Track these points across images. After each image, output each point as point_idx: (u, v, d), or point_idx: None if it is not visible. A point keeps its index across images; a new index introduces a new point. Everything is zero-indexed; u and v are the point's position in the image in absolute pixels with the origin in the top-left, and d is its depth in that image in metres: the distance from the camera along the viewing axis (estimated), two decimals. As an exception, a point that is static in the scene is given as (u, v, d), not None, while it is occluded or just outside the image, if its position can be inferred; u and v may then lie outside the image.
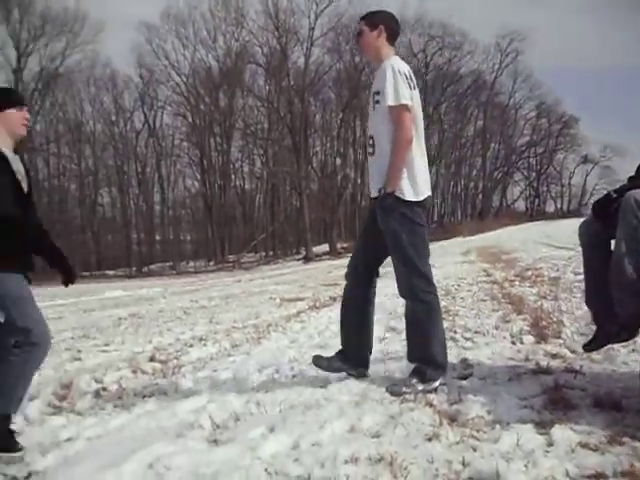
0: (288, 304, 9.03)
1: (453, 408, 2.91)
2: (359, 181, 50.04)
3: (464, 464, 2.24)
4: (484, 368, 3.72)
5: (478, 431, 2.57)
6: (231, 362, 4.65)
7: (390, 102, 3.09)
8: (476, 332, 5.07)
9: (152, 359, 5.11)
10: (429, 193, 3.32)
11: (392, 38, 3.36)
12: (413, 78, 3.27)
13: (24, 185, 3.04)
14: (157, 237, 49.51)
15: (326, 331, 5.96)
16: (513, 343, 4.49)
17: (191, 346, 5.66)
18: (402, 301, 7.89)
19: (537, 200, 56.72)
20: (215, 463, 2.45)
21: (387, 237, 3.26)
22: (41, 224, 3.21)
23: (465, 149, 54.03)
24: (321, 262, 32.86)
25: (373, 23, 3.31)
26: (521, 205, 57.36)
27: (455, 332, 5.13)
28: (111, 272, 40.90)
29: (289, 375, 4.07)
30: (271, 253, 46.52)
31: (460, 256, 18.44)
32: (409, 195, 3.16)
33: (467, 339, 4.81)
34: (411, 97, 3.14)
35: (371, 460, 2.33)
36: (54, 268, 3.16)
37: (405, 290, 3.37)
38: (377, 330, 5.60)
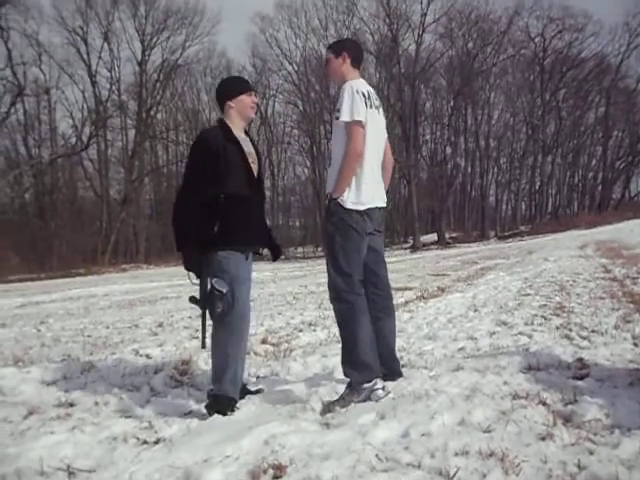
0: (396, 293, 9.00)
1: (568, 408, 2.82)
2: (469, 170, 48.81)
3: (580, 467, 2.18)
4: (602, 369, 3.57)
5: (595, 434, 2.49)
6: (340, 348, 4.74)
7: (344, 118, 3.29)
8: (593, 331, 4.86)
9: (264, 341, 5.33)
10: (378, 205, 3.46)
11: (356, 62, 3.59)
12: (373, 98, 3.45)
13: (255, 167, 3.39)
14: (268, 222, 50.86)
15: (435, 322, 5.94)
16: (635, 345, 4.26)
17: (301, 331, 5.83)
18: (513, 295, 7.71)
19: (665, 192, 52.65)
20: (327, 445, 2.55)
21: (324, 238, 3.47)
22: (263, 204, 3.56)
23: (584, 137, 51.03)
24: (429, 252, 32.47)
25: (337, 51, 3.55)
26: (647, 197, 53.51)
27: (570, 330, 4.95)
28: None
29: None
30: (378, 241, 46.43)
31: (576, 250, 17.55)
32: (350, 204, 3.31)
33: (583, 338, 4.62)
34: (365, 115, 3.31)
35: (482, 455, 2.33)
36: (267, 247, 3.57)
37: (331, 291, 3.41)
38: (487, 324, 5.54)
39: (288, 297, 9.60)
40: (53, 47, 39.06)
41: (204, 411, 3.26)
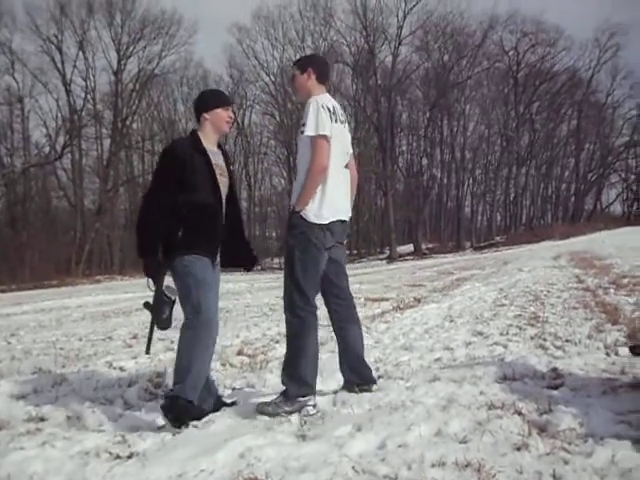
0: (372, 304, 9.05)
1: (543, 418, 2.84)
2: (445, 181, 49.26)
3: (555, 477, 2.20)
4: (576, 379, 3.61)
5: (570, 444, 2.51)
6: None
7: (309, 132, 3.30)
8: (567, 341, 4.91)
9: (240, 353, 5.29)
10: (341, 218, 3.45)
11: (322, 78, 3.60)
12: (338, 113, 3.48)
13: (224, 179, 3.40)
14: (245, 235, 50.67)
15: (411, 333, 5.95)
16: (607, 354, 4.32)
17: (277, 342, 5.79)
18: (488, 305, 7.77)
19: (636, 204, 53.71)
20: (304, 457, 2.53)
21: (284, 251, 3.49)
22: (240, 216, 3.59)
23: (557, 149, 51.89)
24: (405, 262, 32.63)
25: (303, 67, 3.58)
26: (617, 209, 54.50)
27: (545, 340, 5.00)
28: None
29: (374, 376, 4.09)
30: (355, 252, 46.51)
31: (550, 260, 17.80)
32: (312, 217, 3.32)
33: (557, 347, 4.67)
34: (331, 129, 3.32)
35: (458, 465, 2.33)
36: (239, 257, 3.56)
37: (286, 303, 3.45)
38: (463, 334, 5.57)
39: (264, 308, 9.55)
40: (26, 55, 38.47)
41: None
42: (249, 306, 10.12)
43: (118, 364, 4.95)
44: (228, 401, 3.55)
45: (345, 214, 3.52)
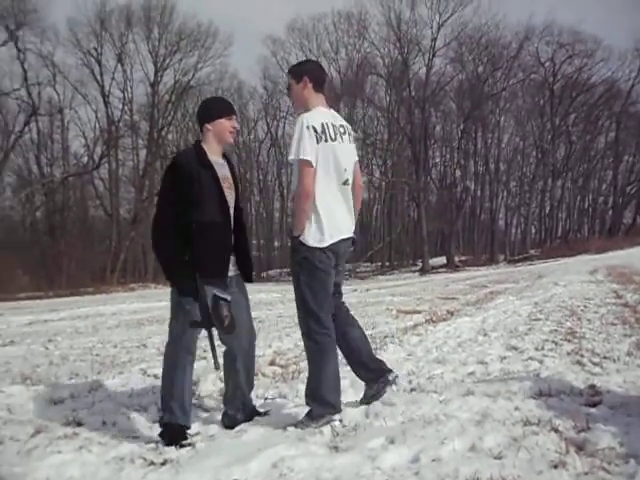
0: (405, 316, 8.99)
1: (581, 436, 2.78)
2: (479, 193, 48.79)
3: (594, 496, 2.14)
4: (615, 396, 3.51)
5: (609, 463, 2.44)
6: (348, 371, 4.69)
7: (291, 156, 3.26)
8: (605, 357, 4.80)
9: (272, 363, 5.30)
10: (343, 237, 3.37)
11: (318, 85, 3.46)
12: (328, 130, 3.31)
13: (230, 192, 3.32)
14: (276, 244, 50.98)
15: (444, 346, 5.89)
16: (648, 372, 4.20)
17: (309, 352, 5.79)
18: (523, 319, 7.64)
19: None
20: (336, 469, 2.52)
21: (292, 276, 3.42)
22: (244, 227, 3.49)
23: (595, 162, 50.98)
24: (438, 275, 32.35)
25: (298, 75, 3.43)
26: (659, 223, 53.13)
27: (582, 356, 4.89)
28: (232, 276, 42.54)
29: (407, 388, 4.06)
30: (387, 264, 46.36)
31: (587, 275, 17.43)
32: (312, 241, 3.27)
33: (595, 364, 4.55)
34: (317, 152, 3.22)
35: (493, 482, 2.29)
36: (242, 268, 3.45)
37: (302, 328, 3.44)
38: (497, 348, 5.49)
39: (296, 318, 9.54)
40: (67, 68, 39.47)
41: (211, 432, 3.24)
42: (281, 316, 10.14)
43: (152, 371, 5.00)
44: (261, 411, 3.56)
45: (348, 232, 3.43)
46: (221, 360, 3.33)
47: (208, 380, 4.51)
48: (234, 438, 3.09)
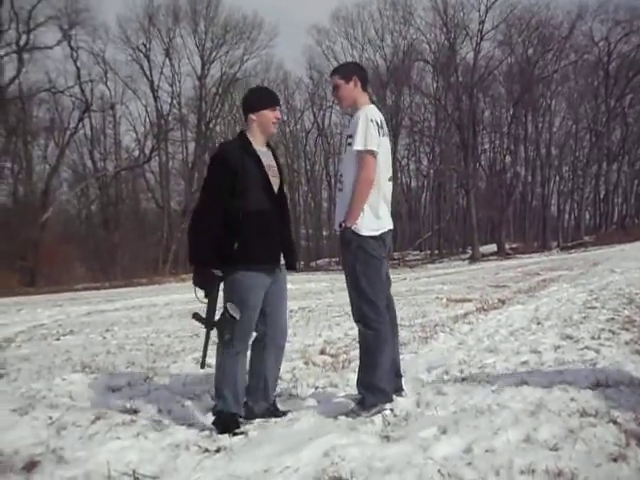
0: (455, 305, 8.89)
1: (641, 428, 2.70)
2: (530, 179, 47.68)
3: (656, 490, 2.08)
4: (678, 387, 3.40)
5: (672, 456, 2.36)
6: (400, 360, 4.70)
7: (358, 147, 3.30)
8: (666, 347, 4.64)
9: (322, 352, 5.32)
10: (390, 227, 3.49)
11: (364, 85, 3.57)
12: (384, 126, 3.48)
13: (275, 180, 3.35)
14: (324, 233, 51.06)
15: (496, 335, 5.80)
16: None
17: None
18: (577, 307, 7.45)
19: None
20: (388, 458, 2.52)
21: (344, 267, 3.45)
22: (288, 216, 3.51)
23: (653, 144, 49.02)
24: (488, 262, 31.80)
25: (347, 76, 3.52)
26: None
27: (642, 345, 4.74)
28: (281, 266, 42.93)
29: (459, 377, 4.03)
30: (436, 252, 45.87)
31: (645, 261, 16.85)
32: (365, 231, 3.33)
33: (656, 354, 4.41)
34: (378, 144, 3.33)
35: (549, 474, 2.25)
36: (285, 257, 3.42)
37: (356, 316, 3.44)
38: (551, 337, 5.38)
39: (346, 308, 9.54)
40: (118, 64, 40.48)
41: (264, 421, 3.28)
42: (331, 306, 10.17)
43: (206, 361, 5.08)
44: (281, 409, 3.49)
45: (391, 223, 3.54)
46: (210, 360, 3.35)
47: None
48: (286, 427, 3.12)
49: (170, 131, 41.93)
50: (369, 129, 3.30)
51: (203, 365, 3.32)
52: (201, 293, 3.20)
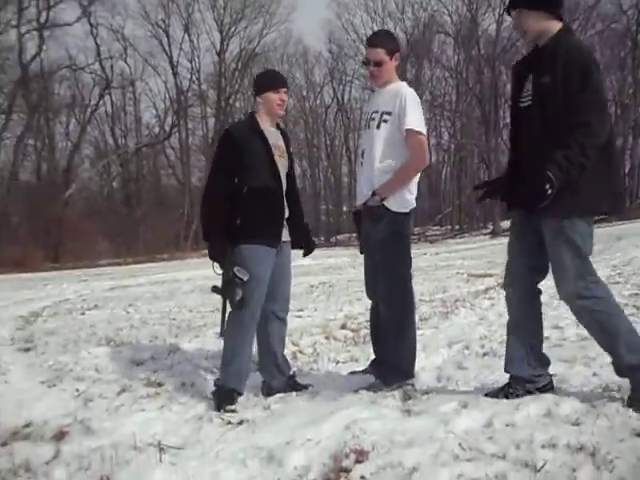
0: (476, 280, 8.86)
1: (665, 403, 2.67)
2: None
3: (682, 466, 2.07)
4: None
5: (697, 431, 2.35)
6: (420, 335, 4.68)
7: (414, 127, 3.23)
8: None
9: (343, 327, 5.36)
10: (414, 204, 3.43)
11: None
12: None
13: (282, 160, 3.38)
14: (344, 208, 50.96)
15: (517, 311, 5.77)
16: None
17: (380, 317, 5.81)
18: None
19: None
20: (409, 432, 2.54)
21: (373, 244, 3.38)
22: (298, 198, 3.55)
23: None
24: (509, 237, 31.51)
25: (392, 51, 3.36)
26: None
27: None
28: (301, 241, 43.04)
29: (479, 352, 4.04)
30: (457, 227, 45.54)
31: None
32: (397, 207, 3.30)
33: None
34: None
35: (570, 448, 2.25)
36: (296, 240, 3.48)
37: (384, 293, 3.40)
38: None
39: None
40: (137, 40, 40.40)
41: (285, 394, 3.33)
42: (352, 280, 10.19)
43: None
44: (301, 383, 3.52)
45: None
46: None
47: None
48: (308, 400, 3.16)
49: (190, 107, 41.88)
50: (420, 110, 3.30)
51: (222, 334, 3.38)
52: (217, 266, 3.26)
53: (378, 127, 3.34)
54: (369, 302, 3.39)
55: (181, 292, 10.26)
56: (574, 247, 2.71)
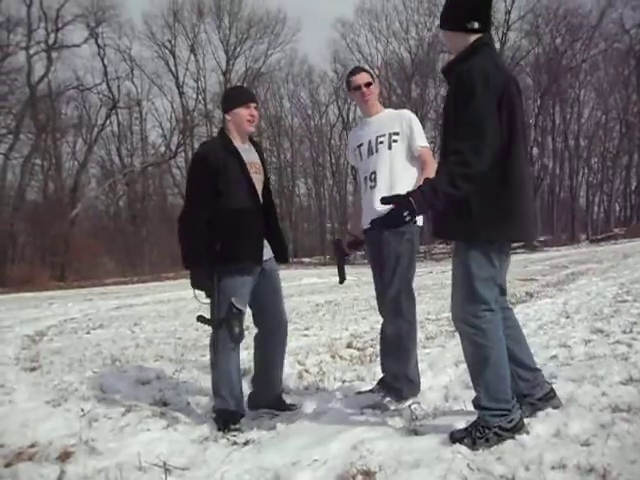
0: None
1: (676, 424, 2.64)
2: (558, 171, 46.94)
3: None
4: None
5: None
6: (426, 354, 4.68)
7: (425, 144, 3.51)
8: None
9: (349, 346, 5.34)
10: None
11: None
12: None
13: (258, 177, 3.32)
14: (349, 227, 51.03)
15: (524, 328, 5.64)
16: None
17: (386, 336, 5.78)
18: (608, 301, 7.33)
19: None
20: (416, 452, 2.51)
21: (387, 257, 3.37)
22: (274, 210, 3.51)
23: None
24: (515, 255, 31.41)
25: (373, 77, 3.63)
26: None
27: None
28: (307, 259, 43.00)
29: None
30: (462, 245, 45.48)
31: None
32: (420, 220, 3.40)
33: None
34: None
35: (580, 469, 2.22)
36: (275, 248, 3.42)
37: (392, 308, 3.39)
38: (581, 331, 5.30)
39: (372, 301, 9.54)
40: (144, 61, 40.92)
41: (291, 414, 3.30)
42: (357, 299, 10.17)
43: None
44: (288, 402, 3.52)
45: None
46: None
47: (286, 362, 4.57)
48: (314, 420, 3.13)
49: (196, 127, 42.20)
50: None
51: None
52: (201, 294, 3.21)
53: (390, 148, 3.42)
54: (374, 320, 3.40)
55: (186, 311, 10.23)
56: (467, 272, 2.65)
